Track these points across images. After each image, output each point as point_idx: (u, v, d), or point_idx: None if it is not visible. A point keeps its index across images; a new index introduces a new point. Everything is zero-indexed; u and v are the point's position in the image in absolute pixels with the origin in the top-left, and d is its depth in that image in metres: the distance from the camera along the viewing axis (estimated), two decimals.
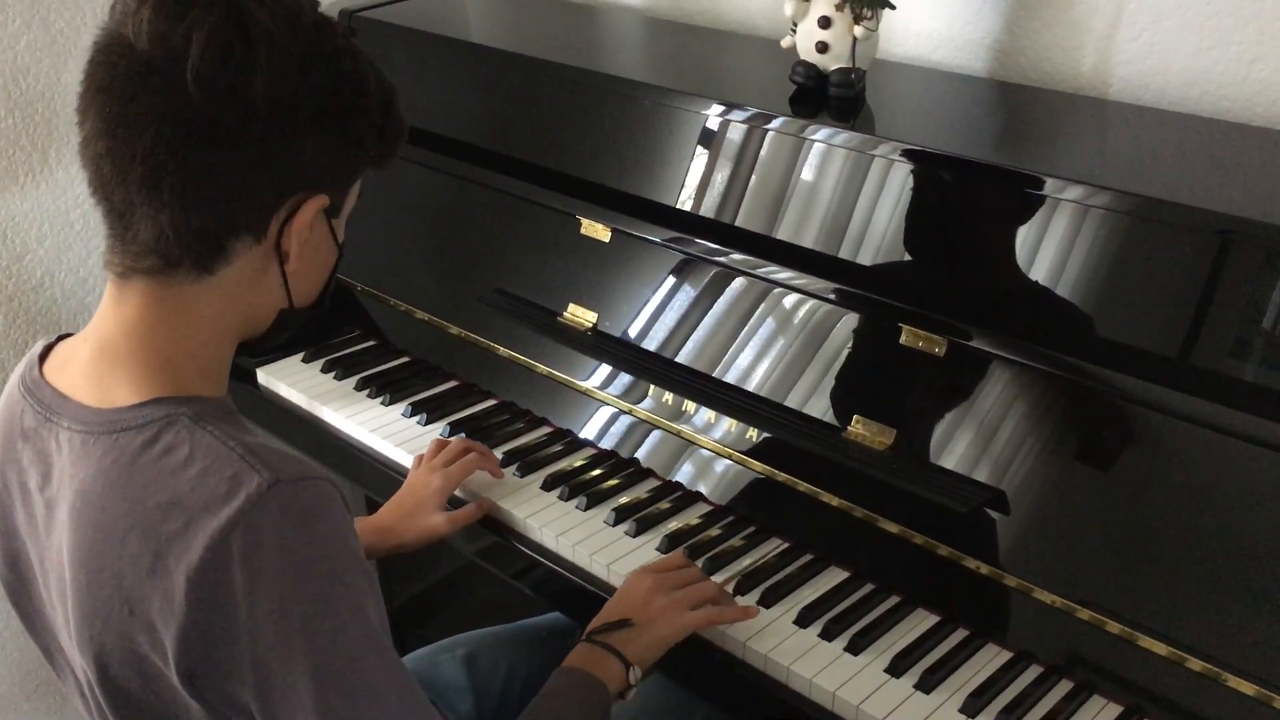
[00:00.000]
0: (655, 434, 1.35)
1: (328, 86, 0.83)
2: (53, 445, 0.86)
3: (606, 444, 1.38)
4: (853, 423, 1.22)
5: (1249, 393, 1.04)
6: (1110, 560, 1.07)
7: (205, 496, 0.78)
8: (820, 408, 1.25)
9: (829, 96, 1.37)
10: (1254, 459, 1.01)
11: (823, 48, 1.35)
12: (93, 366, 0.86)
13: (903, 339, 1.21)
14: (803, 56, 1.38)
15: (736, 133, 1.38)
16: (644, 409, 1.37)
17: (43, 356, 0.92)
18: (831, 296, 1.27)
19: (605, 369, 1.41)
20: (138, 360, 0.85)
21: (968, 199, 1.23)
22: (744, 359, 1.32)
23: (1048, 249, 1.16)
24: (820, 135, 1.30)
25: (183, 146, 0.79)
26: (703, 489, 1.30)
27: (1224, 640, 0.99)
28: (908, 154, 1.24)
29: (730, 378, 1.32)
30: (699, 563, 1.19)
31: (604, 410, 1.40)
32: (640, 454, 1.36)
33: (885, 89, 1.44)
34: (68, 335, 0.94)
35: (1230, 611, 1.00)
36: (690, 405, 1.33)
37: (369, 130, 0.88)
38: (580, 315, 1.46)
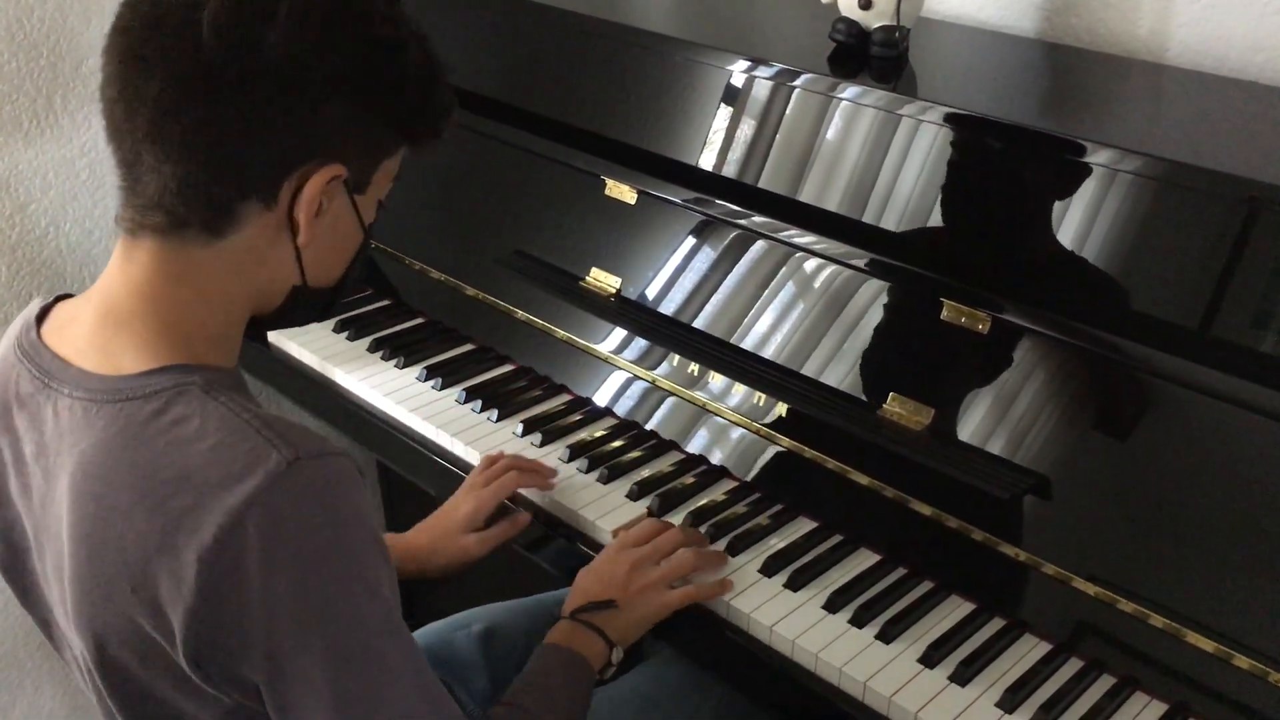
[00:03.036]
0: (679, 406, 1.30)
1: (356, 50, 0.79)
2: (49, 413, 0.82)
3: (628, 414, 1.34)
4: (888, 400, 1.17)
5: None
6: (1154, 551, 1.03)
7: (219, 472, 0.74)
8: (854, 383, 1.20)
9: (870, 55, 1.30)
10: None
11: (866, 4, 1.29)
12: (97, 330, 0.82)
13: (944, 314, 1.15)
14: (844, 13, 1.32)
15: (779, 92, 1.32)
16: (668, 379, 1.32)
17: (40, 318, 0.88)
18: (873, 269, 1.21)
19: (629, 337, 1.36)
20: (145, 324, 0.81)
21: (1000, 163, 1.17)
22: (776, 331, 1.27)
23: (1092, 219, 1.10)
24: (871, 100, 1.24)
25: (191, 95, 0.76)
26: (728, 464, 1.26)
27: (1274, 636, 0.95)
28: (944, 116, 1.18)
29: (760, 350, 1.27)
30: (724, 541, 1.15)
31: (626, 379, 1.35)
32: (663, 426, 1.31)
33: (929, 49, 1.37)
34: (67, 296, 0.90)
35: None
36: (717, 377, 1.28)
37: (404, 105, 0.83)
38: (603, 280, 1.40)
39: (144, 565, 0.75)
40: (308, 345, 1.48)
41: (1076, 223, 1.11)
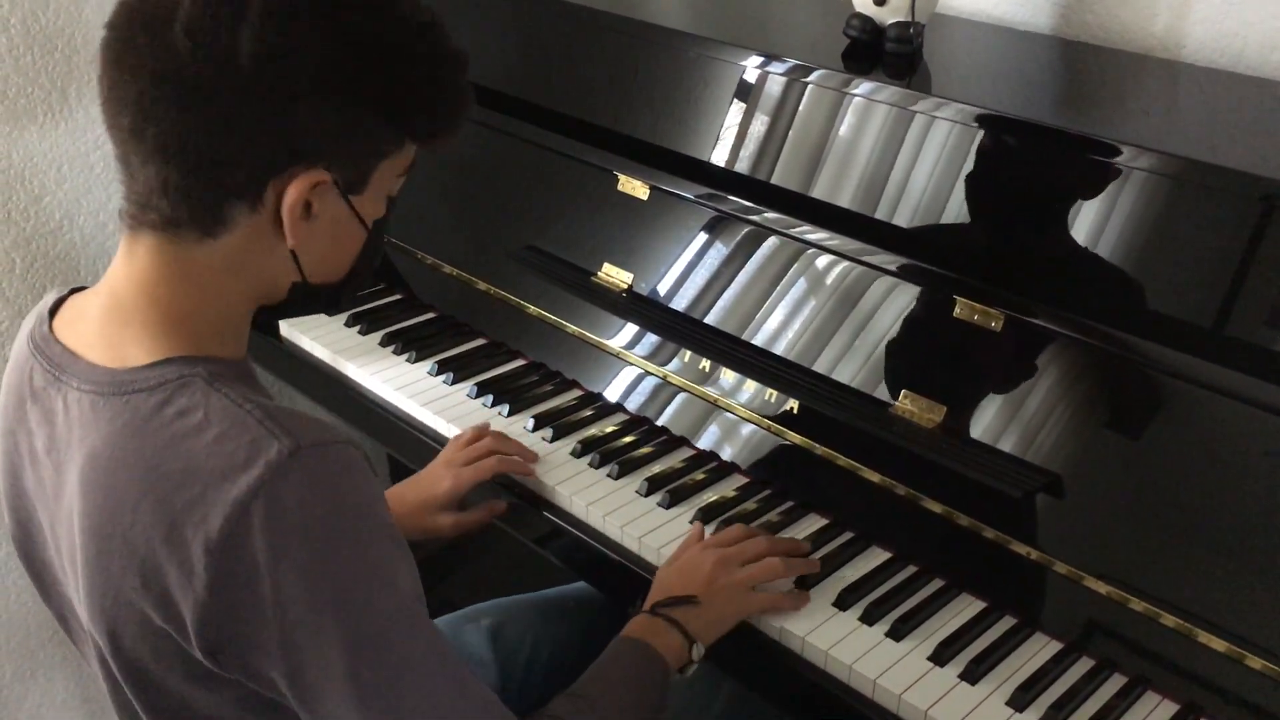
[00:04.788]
0: (691, 401, 1.30)
1: (335, 48, 0.75)
2: (59, 406, 0.82)
3: (640, 410, 1.34)
4: (900, 398, 1.17)
5: None
6: (1166, 550, 1.02)
7: (222, 464, 0.74)
8: (866, 380, 1.20)
9: (885, 52, 1.30)
10: None
11: (881, 0, 1.28)
12: (104, 323, 0.82)
13: (957, 312, 1.15)
14: (858, 9, 1.31)
15: (793, 88, 1.31)
16: (680, 375, 1.32)
17: (53, 310, 0.88)
18: (885, 266, 1.21)
19: (640, 333, 1.36)
20: (149, 318, 0.81)
21: (1013, 160, 1.17)
22: (788, 328, 1.26)
23: (1106, 217, 1.09)
24: (885, 96, 1.24)
25: (165, 100, 0.75)
26: (739, 460, 1.26)
27: None
28: (958, 113, 1.17)
29: (771, 346, 1.27)
30: None
31: (637, 375, 1.35)
32: (675, 422, 1.31)
33: (944, 45, 1.37)
34: (81, 288, 0.90)
35: None
36: (729, 373, 1.28)
37: (400, 101, 0.80)
38: (615, 276, 1.40)
39: (152, 559, 0.76)
40: (320, 339, 1.49)
41: (1090, 220, 1.11)
